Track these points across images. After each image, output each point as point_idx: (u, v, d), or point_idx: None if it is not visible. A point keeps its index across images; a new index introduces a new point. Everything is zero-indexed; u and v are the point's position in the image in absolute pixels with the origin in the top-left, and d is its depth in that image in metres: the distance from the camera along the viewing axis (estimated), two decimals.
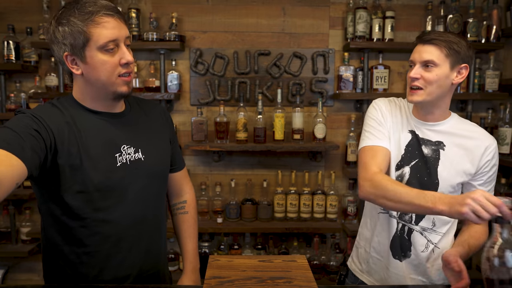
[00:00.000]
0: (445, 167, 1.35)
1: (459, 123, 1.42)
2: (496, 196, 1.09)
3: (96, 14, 1.08)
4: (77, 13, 1.08)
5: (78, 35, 1.07)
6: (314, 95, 2.68)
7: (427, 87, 1.30)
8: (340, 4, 2.66)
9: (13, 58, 2.50)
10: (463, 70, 1.32)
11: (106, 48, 1.09)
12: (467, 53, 1.30)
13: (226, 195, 2.72)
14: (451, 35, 1.30)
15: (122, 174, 1.17)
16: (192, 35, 2.65)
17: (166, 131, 1.35)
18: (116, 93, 1.15)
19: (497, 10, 2.53)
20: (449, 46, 1.27)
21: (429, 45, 1.29)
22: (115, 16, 1.10)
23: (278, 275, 1.04)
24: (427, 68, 1.29)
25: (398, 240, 1.41)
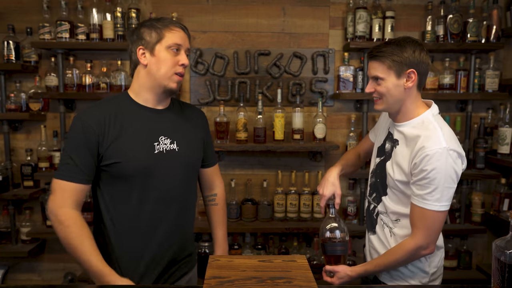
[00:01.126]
0: (391, 163, 1.48)
1: (415, 127, 1.43)
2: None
3: (172, 24, 1.41)
4: (160, 22, 1.41)
5: (155, 34, 1.38)
6: (314, 95, 2.68)
7: (382, 98, 1.44)
8: (340, 4, 2.66)
9: (13, 58, 2.50)
10: (412, 75, 1.39)
11: (171, 48, 1.38)
12: (411, 58, 1.38)
13: (226, 195, 2.71)
14: (394, 44, 1.40)
15: (158, 160, 1.39)
16: (192, 35, 2.64)
17: (199, 131, 1.57)
18: (167, 87, 1.40)
19: (497, 10, 2.53)
20: (390, 58, 1.38)
21: (373, 60, 1.42)
22: (184, 31, 1.43)
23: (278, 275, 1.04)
24: (377, 82, 1.42)
25: (369, 216, 1.64)
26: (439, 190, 1.33)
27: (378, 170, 1.57)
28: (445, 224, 2.65)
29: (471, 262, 2.75)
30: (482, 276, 2.63)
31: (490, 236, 2.79)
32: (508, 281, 0.98)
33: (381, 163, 1.55)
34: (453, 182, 1.35)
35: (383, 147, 1.56)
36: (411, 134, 1.42)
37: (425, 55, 1.41)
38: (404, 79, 1.39)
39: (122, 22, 2.49)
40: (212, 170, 1.68)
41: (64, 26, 2.46)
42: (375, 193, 1.59)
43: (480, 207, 2.66)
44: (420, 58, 1.39)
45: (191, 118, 1.56)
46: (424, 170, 1.33)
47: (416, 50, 1.39)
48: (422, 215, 1.36)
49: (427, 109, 1.45)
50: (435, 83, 2.60)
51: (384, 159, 1.54)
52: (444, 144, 1.32)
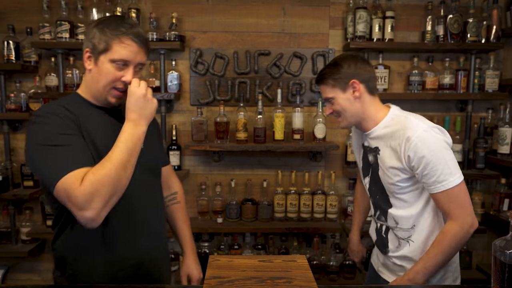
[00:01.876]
0: (381, 170, 1.49)
1: (387, 125, 1.48)
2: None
3: (124, 35, 1.25)
4: (113, 27, 1.26)
5: (103, 42, 1.25)
6: (314, 95, 2.68)
7: (341, 114, 1.52)
8: (340, 4, 2.66)
9: (13, 58, 2.50)
10: (355, 84, 1.47)
11: (116, 62, 1.26)
12: (348, 71, 1.47)
13: (226, 195, 2.72)
14: (331, 65, 1.50)
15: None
16: (192, 35, 2.65)
17: (155, 130, 1.50)
18: (106, 100, 1.31)
19: (497, 10, 2.53)
20: (331, 78, 1.48)
21: (319, 85, 1.54)
22: (138, 44, 1.27)
23: (278, 275, 1.04)
24: (331, 102, 1.52)
25: (379, 236, 1.62)
26: (446, 166, 1.34)
27: (373, 187, 1.57)
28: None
29: (471, 262, 2.75)
30: (482, 276, 2.63)
31: (490, 236, 2.79)
32: (508, 281, 0.98)
33: (372, 179, 1.56)
34: (450, 153, 1.37)
35: (367, 163, 1.58)
36: (387, 133, 1.46)
37: (362, 64, 1.50)
38: (350, 91, 1.48)
39: None
40: (167, 169, 1.62)
41: (64, 26, 2.46)
42: (379, 210, 1.57)
43: (480, 207, 2.66)
44: (356, 69, 1.48)
45: None
46: (421, 157, 1.34)
47: (351, 64, 1.48)
48: (448, 197, 1.35)
49: (388, 109, 1.51)
50: (435, 83, 2.60)
51: (373, 172, 1.54)
52: (424, 126, 1.37)
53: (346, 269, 2.61)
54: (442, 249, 1.37)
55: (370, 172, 1.56)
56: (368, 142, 1.55)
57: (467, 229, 1.36)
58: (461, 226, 1.36)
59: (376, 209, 1.60)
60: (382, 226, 1.58)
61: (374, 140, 1.51)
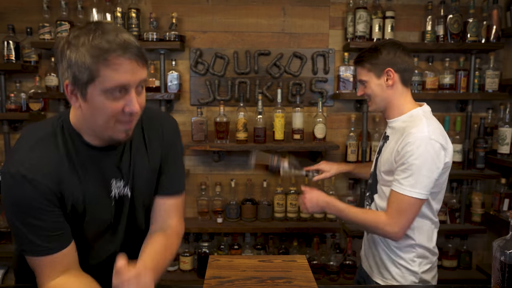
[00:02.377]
0: (381, 159, 1.56)
1: (405, 121, 1.50)
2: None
3: (110, 53, 0.92)
4: (90, 44, 0.93)
5: (84, 70, 0.93)
6: (314, 95, 2.68)
7: (371, 99, 1.57)
8: (340, 4, 2.66)
9: (13, 58, 2.50)
10: (390, 73, 1.50)
11: (111, 92, 0.95)
12: (386, 58, 1.49)
13: (226, 195, 2.72)
14: (372, 49, 1.52)
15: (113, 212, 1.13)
16: (192, 35, 2.65)
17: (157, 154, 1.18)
18: (111, 138, 1.04)
19: (497, 10, 2.53)
20: (369, 61, 1.52)
21: (357, 66, 1.58)
22: (133, 58, 0.95)
23: (278, 275, 1.04)
24: (364, 85, 1.57)
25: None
26: (414, 176, 1.37)
27: (373, 170, 1.64)
28: (445, 224, 2.66)
29: (471, 262, 2.75)
30: (482, 276, 2.63)
31: (490, 236, 2.79)
32: (508, 281, 0.98)
33: (375, 162, 1.64)
34: (430, 171, 1.38)
35: (380, 146, 1.64)
36: (399, 128, 1.50)
37: (401, 53, 1.50)
38: (384, 78, 1.51)
39: (122, 22, 2.49)
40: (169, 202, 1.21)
41: (64, 26, 2.46)
42: (369, 192, 1.66)
43: (480, 207, 2.66)
44: (394, 57, 1.49)
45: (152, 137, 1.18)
46: (404, 155, 1.39)
47: (390, 51, 1.50)
48: (396, 198, 1.42)
49: (418, 107, 1.52)
50: (435, 83, 2.59)
51: (377, 157, 1.62)
52: (426, 133, 1.38)
53: (346, 269, 2.61)
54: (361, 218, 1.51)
55: (377, 155, 1.64)
56: (386, 129, 1.61)
57: (387, 228, 1.43)
58: (386, 221, 1.43)
59: (368, 190, 1.68)
60: (368, 207, 1.66)
61: (390, 129, 1.57)
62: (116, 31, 0.96)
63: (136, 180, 1.13)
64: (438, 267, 2.71)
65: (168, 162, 1.20)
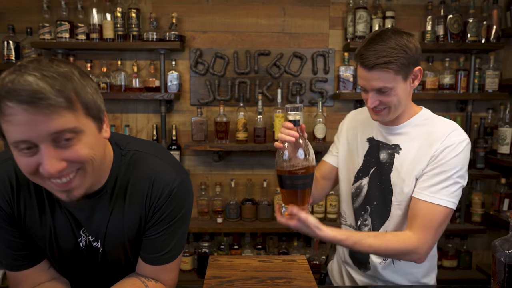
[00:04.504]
0: (396, 173, 1.28)
1: (419, 124, 1.30)
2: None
3: (2, 101, 0.75)
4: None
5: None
6: (314, 95, 2.68)
7: (391, 107, 1.23)
8: (340, 4, 2.66)
9: (13, 58, 2.50)
10: (418, 73, 1.24)
11: (17, 148, 0.78)
12: (415, 55, 1.19)
13: (226, 195, 2.71)
14: (393, 47, 1.16)
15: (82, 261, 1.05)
16: (192, 35, 2.65)
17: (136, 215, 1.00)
18: (56, 197, 0.89)
19: (497, 10, 2.53)
20: (397, 62, 1.16)
21: (374, 71, 1.17)
22: (31, 106, 0.74)
23: (278, 275, 1.04)
24: (383, 93, 1.20)
25: (359, 252, 1.33)
26: (453, 185, 1.19)
27: (371, 191, 1.34)
28: None
29: (471, 262, 2.75)
30: (482, 276, 2.63)
31: (490, 236, 2.79)
32: (508, 281, 0.98)
33: (376, 181, 1.33)
34: (464, 179, 1.22)
35: (373, 162, 1.35)
36: (418, 133, 1.28)
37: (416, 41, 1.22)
38: (410, 80, 1.23)
39: (122, 22, 2.49)
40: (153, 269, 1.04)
41: (64, 26, 2.46)
42: (368, 219, 1.36)
43: (480, 207, 2.66)
44: (419, 51, 1.22)
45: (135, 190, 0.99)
46: (447, 160, 1.19)
47: (417, 44, 1.20)
48: (430, 212, 1.18)
49: (421, 108, 1.35)
50: (435, 83, 2.59)
51: (380, 174, 1.32)
52: (466, 136, 1.22)
53: None
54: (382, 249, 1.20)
55: (375, 173, 1.34)
56: (386, 138, 1.33)
57: (417, 252, 1.19)
58: (418, 246, 1.18)
59: (360, 217, 1.37)
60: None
61: (398, 136, 1.30)
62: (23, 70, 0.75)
63: (108, 238, 1.01)
64: (438, 267, 2.72)
65: (152, 227, 1.00)
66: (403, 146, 1.29)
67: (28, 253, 1.00)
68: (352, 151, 1.42)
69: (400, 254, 1.22)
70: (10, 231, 0.97)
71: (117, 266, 1.07)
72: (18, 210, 0.96)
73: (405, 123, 1.30)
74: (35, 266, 1.01)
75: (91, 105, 0.83)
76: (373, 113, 1.28)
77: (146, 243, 1.02)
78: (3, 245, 0.98)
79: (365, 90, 1.25)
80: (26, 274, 1.01)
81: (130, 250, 1.04)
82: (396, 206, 1.29)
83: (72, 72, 0.80)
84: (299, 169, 1.09)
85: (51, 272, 1.05)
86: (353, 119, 1.47)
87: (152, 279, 1.04)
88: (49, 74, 0.76)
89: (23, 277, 1.01)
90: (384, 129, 1.34)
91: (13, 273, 1.01)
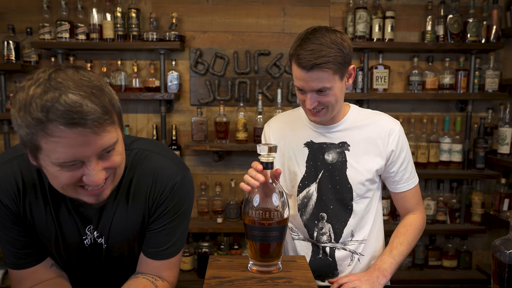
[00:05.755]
0: (353, 168, 1.29)
1: (359, 114, 1.33)
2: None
3: (47, 124, 0.73)
4: (25, 109, 0.74)
5: (27, 138, 0.77)
6: None
7: (328, 107, 1.22)
8: (340, 4, 2.66)
9: (13, 58, 2.50)
10: (351, 71, 1.24)
11: (62, 166, 0.79)
12: (350, 53, 1.19)
13: (226, 195, 2.71)
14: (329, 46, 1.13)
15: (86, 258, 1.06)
16: (192, 35, 2.65)
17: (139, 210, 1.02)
18: (80, 201, 0.90)
19: (497, 10, 2.53)
20: (334, 63, 1.14)
21: (312, 72, 1.14)
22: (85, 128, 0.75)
23: (278, 275, 1.04)
24: (321, 93, 1.19)
25: (321, 263, 1.35)
26: (410, 161, 1.35)
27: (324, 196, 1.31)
28: (445, 224, 2.67)
29: (471, 262, 2.75)
30: (482, 276, 2.63)
31: (490, 236, 2.79)
32: (508, 281, 0.98)
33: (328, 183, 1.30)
34: None
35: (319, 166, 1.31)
36: (360, 125, 1.30)
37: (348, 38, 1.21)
38: (345, 78, 1.23)
39: (122, 22, 2.49)
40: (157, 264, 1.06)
41: (64, 26, 2.46)
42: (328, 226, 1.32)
43: (480, 207, 2.66)
44: (351, 47, 1.20)
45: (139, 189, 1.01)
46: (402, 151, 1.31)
47: (349, 42, 1.19)
48: (416, 192, 1.37)
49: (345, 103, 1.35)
50: (435, 83, 2.59)
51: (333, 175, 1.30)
52: (395, 120, 1.34)
53: None
54: (410, 240, 1.32)
55: (323, 176, 1.30)
56: (328, 138, 1.31)
57: (425, 221, 1.40)
58: (424, 218, 1.39)
59: (315, 227, 1.33)
60: (326, 248, 1.34)
61: (341, 132, 1.30)
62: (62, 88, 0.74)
63: (112, 234, 1.02)
64: (438, 267, 2.73)
65: (154, 222, 1.03)
66: (351, 142, 1.30)
67: (32, 252, 1.01)
68: (289, 160, 1.35)
69: (420, 234, 1.37)
70: (15, 229, 0.98)
71: (120, 262, 1.09)
72: (24, 209, 0.97)
73: (342, 120, 1.31)
74: (38, 264, 1.03)
75: (120, 112, 0.86)
76: (311, 114, 1.25)
77: (149, 237, 1.04)
78: (7, 243, 0.99)
79: (301, 91, 1.22)
80: (28, 273, 1.02)
81: (134, 245, 1.07)
82: (358, 201, 1.31)
83: (99, 80, 0.81)
84: (272, 219, 1.00)
85: (54, 269, 1.06)
86: (279, 127, 1.39)
87: (159, 278, 1.05)
88: (89, 90, 0.77)
89: (25, 275, 1.02)
90: (323, 129, 1.32)
91: (15, 271, 1.02)
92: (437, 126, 2.67)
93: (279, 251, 1.05)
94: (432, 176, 2.66)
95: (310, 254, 1.37)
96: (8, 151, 1.00)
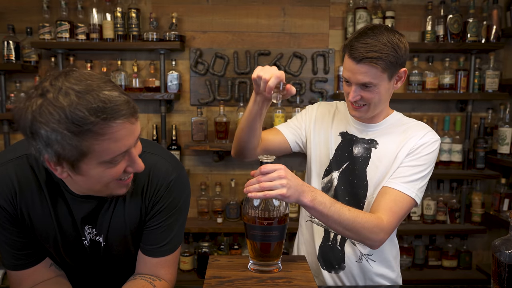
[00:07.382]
0: (375, 166, 1.28)
1: (400, 121, 1.32)
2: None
3: (99, 124, 0.77)
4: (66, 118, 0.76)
5: (70, 148, 0.78)
6: (314, 95, 2.68)
7: (370, 104, 1.22)
8: (340, 4, 2.66)
9: (13, 58, 2.50)
10: (402, 74, 1.24)
11: (110, 162, 0.84)
12: (404, 56, 1.19)
13: (226, 195, 2.71)
14: (384, 44, 1.15)
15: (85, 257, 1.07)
16: (192, 35, 2.65)
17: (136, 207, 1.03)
18: (110, 195, 0.95)
19: (497, 10, 2.53)
20: (386, 60, 1.15)
21: (361, 64, 1.16)
22: (133, 116, 0.84)
23: (278, 275, 1.04)
24: (366, 88, 1.19)
25: (330, 250, 1.34)
26: (420, 179, 1.23)
27: (343, 186, 1.33)
28: (445, 224, 2.66)
29: (471, 262, 2.75)
30: (482, 276, 2.63)
31: (490, 236, 2.79)
32: (508, 281, 0.98)
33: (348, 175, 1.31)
34: (428, 177, 1.27)
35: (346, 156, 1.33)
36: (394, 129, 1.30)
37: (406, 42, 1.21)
38: (394, 80, 1.23)
39: (122, 22, 2.49)
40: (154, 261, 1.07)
41: (64, 26, 2.46)
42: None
43: (480, 207, 2.66)
44: (408, 50, 1.21)
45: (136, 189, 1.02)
46: (417, 154, 1.23)
47: (406, 45, 1.20)
48: (395, 198, 1.20)
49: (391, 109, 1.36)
50: (435, 83, 2.59)
51: (354, 168, 1.31)
52: (438, 137, 1.27)
53: None
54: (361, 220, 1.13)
55: (347, 167, 1.32)
56: (362, 132, 1.32)
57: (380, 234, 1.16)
58: (384, 226, 1.16)
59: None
60: (337, 237, 1.34)
61: (376, 132, 1.31)
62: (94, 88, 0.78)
63: (110, 233, 1.04)
64: (438, 267, 2.73)
65: (151, 219, 1.04)
66: (380, 141, 1.29)
67: (31, 252, 1.02)
68: (325, 143, 1.38)
69: (366, 230, 1.14)
70: (13, 231, 0.99)
71: (119, 260, 1.10)
72: (21, 211, 0.98)
73: (381, 122, 1.31)
74: (37, 264, 1.03)
75: None
76: (352, 108, 1.26)
77: (146, 235, 1.06)
78: (5, 245, 1.00)
79: (348, 83, 1.23)
80: (28, 273, 1.03)
81: (132, 243, 1.08)
82: (371, 200, 1.28)
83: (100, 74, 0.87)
84: (272, 218, 1.02)
85: (53, 269, 1.07)
86: (325, 111, 1.43)
87: (157, 278, 1.06)
88: (110, 83, 0.83)
89: (24, 276, 1.02)
90: (360, 125, 1.33)
91: (14, 272, 1.03)
92: (437, 126, 2.66)
93: (279, 250, 1.06)
94: (432, 176, 2.65)
95: (321, 240, 1.37)
96: (2, 154, 1.00)
